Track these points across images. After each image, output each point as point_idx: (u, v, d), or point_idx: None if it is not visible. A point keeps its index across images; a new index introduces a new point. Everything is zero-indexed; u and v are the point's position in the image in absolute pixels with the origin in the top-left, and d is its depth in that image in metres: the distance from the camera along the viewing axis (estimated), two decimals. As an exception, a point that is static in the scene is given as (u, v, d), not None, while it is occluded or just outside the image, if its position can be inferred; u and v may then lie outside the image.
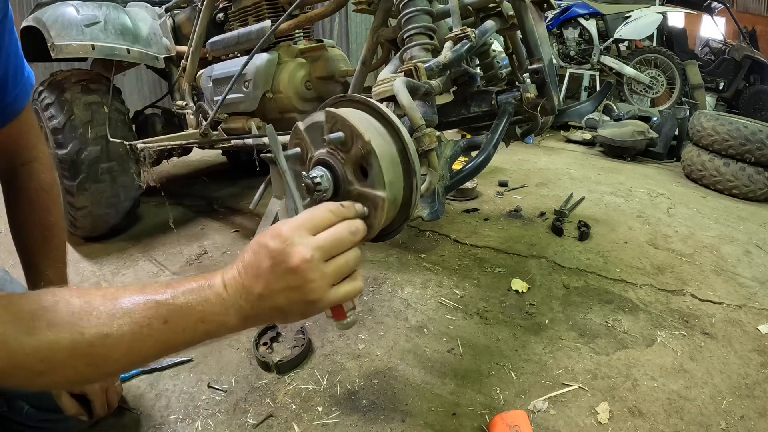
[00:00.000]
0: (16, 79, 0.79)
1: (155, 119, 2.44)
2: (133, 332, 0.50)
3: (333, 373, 1.16)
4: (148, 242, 2.01)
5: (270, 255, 0.52)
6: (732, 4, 8.24)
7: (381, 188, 0.61)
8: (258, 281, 0.52)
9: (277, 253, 0.51)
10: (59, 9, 1.83)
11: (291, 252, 0.51)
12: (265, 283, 0.52)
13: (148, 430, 1.00)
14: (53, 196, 0.91)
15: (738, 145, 2.63)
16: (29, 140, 0.89)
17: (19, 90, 0.80)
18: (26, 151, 0.89)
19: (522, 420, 0.96)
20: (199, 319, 0.52)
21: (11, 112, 0.81)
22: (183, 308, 0.52)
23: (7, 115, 0.81)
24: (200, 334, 0.53)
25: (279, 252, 0.51)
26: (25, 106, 0.84)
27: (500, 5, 1.08)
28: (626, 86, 4.77)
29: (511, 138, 1.40)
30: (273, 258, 0.52)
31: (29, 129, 0.88)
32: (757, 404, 1.07)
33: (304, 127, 0.68)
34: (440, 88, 0.90)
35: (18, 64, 0.78)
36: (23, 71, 0.81)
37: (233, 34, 1.60)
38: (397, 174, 0.65)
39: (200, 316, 0.52)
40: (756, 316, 1.41)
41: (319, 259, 0.52)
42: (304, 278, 0.52)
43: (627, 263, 1.71)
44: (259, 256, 0.53)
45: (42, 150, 0.92)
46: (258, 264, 0.53)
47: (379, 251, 1.80)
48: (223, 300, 0.53)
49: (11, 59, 0.76)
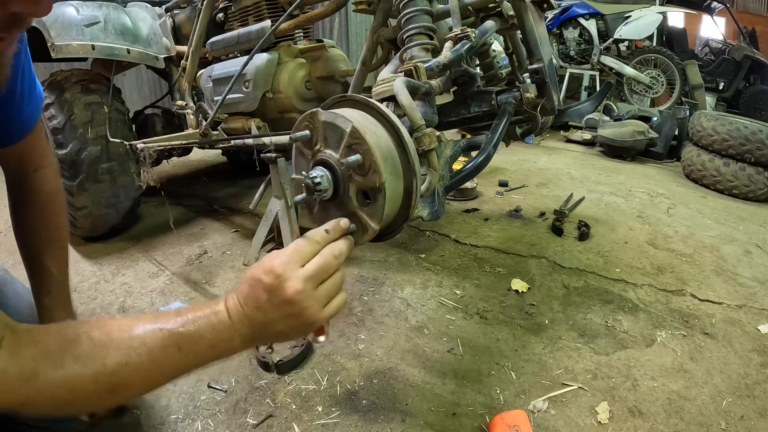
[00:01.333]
0: (32, 95, 0.85)
1: (155, 119, 2.44)
2: (151, 360, 0.54)
3: (333, 373, 1.16)
4: (148, 242, 2.01)
5: (266, 289, 0.57)
6: (732, 4, 8.24)
7: (376, 221, 0.63)
8: (258, 312, 0.57)
9: (272, 288, 0.56)
10: (59, 9, 1.83)
11: (285, 286, 0.56)
12: (265, 313, 0.57)
13: (148, 430, 1.01)
14: (60, 199, 0.97)
15: (738, 145, 2.63)
16: (41, 150, 0.95)
17: (34, 105, 0.86)
18: (38, 159, 0.95)
19: (522, 420, 0.96)
20: (209, 345, 0.57)
21: (28, 126, 0.87)
22: (194, 336, 0.56)
23: (24, 129, 0.87)
24: (211, 357, 0.57)
25: (274, 287, 0.56)
26: (38, 119, 0.90)
27: (500, 5, 1.08)
28: (626, 86, 4.77)
29: (511, 138, 1.40)
30: (269, 292, 0.57)
31: (41, 139, 0.95)
32: (757, 404, 1.07)
33: (324, 120, 0.67)
34: (440, 88, 0.90)
35: (31, 80, 0.84)
36: (36, 87, 0.87)
37: (233, 34, 1.60)
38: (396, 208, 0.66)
39: (210, 342, 0.57)
40: (756, 316, 1.41)
41: (311, 288, 0.58)
42: (300, 307, 0.57)
43: (627, 263, 1.71)
44: (256, 291, 0.57)
45: (51, 158, 0.98)
46: (256, 297, 0.57)
47: (379, 251, 1.80)
48: (229, 327, 0.57)
49: (26, 76, 0.82)
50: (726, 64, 5.91)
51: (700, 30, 8.98)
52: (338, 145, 0.64)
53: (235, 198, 2.61)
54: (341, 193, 0.65)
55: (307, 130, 0.69)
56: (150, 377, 0.55)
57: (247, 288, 0.58)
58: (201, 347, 0.56)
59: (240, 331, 0.57)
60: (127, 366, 0.53)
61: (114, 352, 0.53)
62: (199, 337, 0.56)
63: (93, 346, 0.53)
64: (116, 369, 0.53)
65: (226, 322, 0.57)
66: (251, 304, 0.57)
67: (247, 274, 0.60)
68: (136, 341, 0.54)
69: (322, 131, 0.67)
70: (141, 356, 0.54)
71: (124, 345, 0.54)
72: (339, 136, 0.64)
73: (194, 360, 0.57)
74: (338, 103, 0.72)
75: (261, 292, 0.57)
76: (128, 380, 0.54)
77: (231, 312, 0.58)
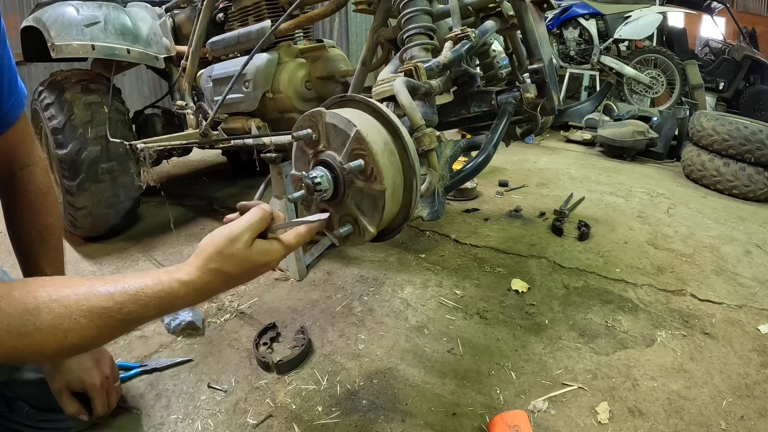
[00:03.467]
0: (11, 89, 0.83)
1: (155, 119, 2.44)
2: (110, 334, 0.62)
3: (333, 373, 1.16)
4: (148, 242, 2.01)
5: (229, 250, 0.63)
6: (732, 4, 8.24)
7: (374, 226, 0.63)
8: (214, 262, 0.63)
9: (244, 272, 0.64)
10: (59, 9, 1.83)
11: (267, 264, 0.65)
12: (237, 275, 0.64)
13: (148, 430, 1.00)
14: (50, 198, 0.95)
15: (738, 145, 2.63)
16: (26, 146, 0.93)
17: (14, 99, 0.85)
18: (24, 156, 0.93)
19: (522, 420, 0.96)
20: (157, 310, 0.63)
21: (9, 121, 0.86)
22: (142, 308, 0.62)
23: (5, 123, 0.85)
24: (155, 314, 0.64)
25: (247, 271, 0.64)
26: (20, 114, 0.88)
27: (500, 5, 1.08)
28: (626, 86, 4.77)
29: (511, 138, 1.40)
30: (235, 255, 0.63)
31: (26, 135, 0.93)
32: (757, 404, 1.07)
33: (329, 121, 0.66)
34: (440, 88, 0.90)
35: (12, 75, 0.83)
36: (17, 82, 0.86)
37: (233, 34, 1.60)
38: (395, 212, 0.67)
39: (165, 314, 0.68)
40: (756, 316, 1.41)
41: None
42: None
43: (627, 263, 1.71)
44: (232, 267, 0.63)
45: (38, 155, 0.96)
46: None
47: (379, 251, 1.80)
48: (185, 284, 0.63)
49: (5, 71, 0.81)
50: (726, 64, 5.91)
51: (700, 30, 8.97)
52: (341, 148, 0.64)
53: (235, 198, 2.60)
54: (341, 194, 0.65)
55: (309, 129, 0.69)
56: (97, 337, 0.61)
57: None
58: (147, 308, 0.61)
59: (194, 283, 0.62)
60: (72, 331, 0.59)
61: (64, 318, 0.58)
62: (155, 317, 0.64)
63: (50, 302, 0.58)
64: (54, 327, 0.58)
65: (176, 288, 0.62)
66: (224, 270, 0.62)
67: None
68: (81, 309, 0.59)
69: (326, 132, 0.67)
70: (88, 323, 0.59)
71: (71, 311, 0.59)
72: (343, 140, 0.64)
73: (142, 319, 0.63)
74: (338, 103, 0.72)
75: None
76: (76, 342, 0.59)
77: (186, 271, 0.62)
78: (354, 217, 0.65)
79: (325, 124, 0.67)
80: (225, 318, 1.41)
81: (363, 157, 0.62)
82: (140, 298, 0.61)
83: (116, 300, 0.60)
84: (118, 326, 0.61)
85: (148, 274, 0.63)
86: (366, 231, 0.64)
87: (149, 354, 1.25)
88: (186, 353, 1.24)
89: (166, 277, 0.62)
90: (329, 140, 0.67)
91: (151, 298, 0.61)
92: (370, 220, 0.64)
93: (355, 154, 0.62)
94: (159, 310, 0.62)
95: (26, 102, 0.91)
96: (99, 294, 0.60)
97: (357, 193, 0.64)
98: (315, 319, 1.39)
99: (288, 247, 0.65)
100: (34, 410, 0.91)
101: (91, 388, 0.92)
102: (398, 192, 0.65)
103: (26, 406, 0.91)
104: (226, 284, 0.64)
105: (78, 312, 0.58)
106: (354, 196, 0.64)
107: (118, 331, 0.62)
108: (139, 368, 1.17)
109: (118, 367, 1.05)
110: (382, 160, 0.61)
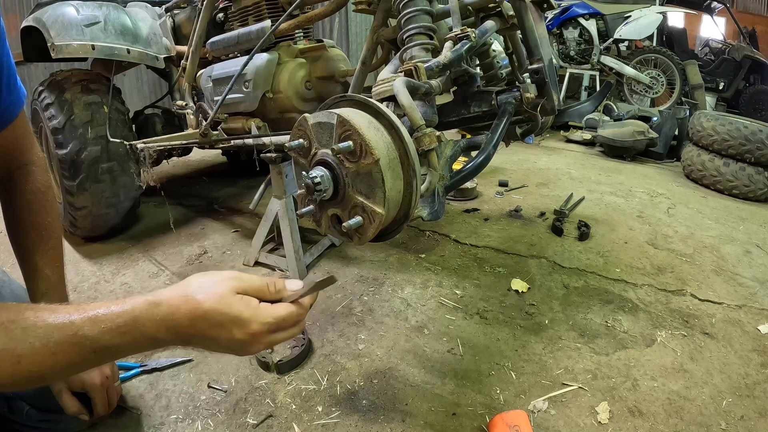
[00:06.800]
0: (10, 87, 0.83)
1: (155, 119, 2.44)
2: (66, 362, 0.56)
3: (333, 373, 1.16)
4: (148, 242, 2.01)
5: (230, 340, 0.58)
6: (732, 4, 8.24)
7: (380, 206, 0.62)
8: (207, 338, 0.58)
9: (240, 344, 0.58)
10: (59, 9, 1.83)
11: (253, 344, 0.59)
12: (215, 342, 0.58)
13: (148, 430, 1.00)
14: (48, 197, 0.94)
15: (738, 145, 2.63)
16: (24, 145, 0.93)
17: (13, 98, 0.85)
18: (22, 155, 0.93)
19: (522, 420, 0.96)
20: (120, 351, 0.58)
21: (7, 118, 0.86)
22: (111, 349, 0.57)
23: (3, 120, 0.85)
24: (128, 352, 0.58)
25: (242, 343, 0.58)
26: (19, 113, 0.88)
27: (500, 5, 1.08)
28: (626, 86, 4.77)
29: (511, 138, 1.40)
30: (230, 344, 0.58)
31: (24, 134, 0.92)
32: (757, 404, 1.07)
33: (312, 123, 0.67)
34: (440, 88, 0.90)
35: (11, 73, 0.83)
36: (16, 80, 0.86)
37: (233, 34, 1.60)
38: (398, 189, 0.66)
39: (128, 348, 0.58)
40: (756, 316, 1.41)
41: (268, 343, 0.60)
42: (248, 350, 0.60)
43: (627, 263, 1.71)
44: (220, 332, 0.57)
45: (36, 154, 0.96)
46: (216, 333, 0.57)
47: (379, 251, 1.80)
48: (153, 336, 0.57)
49: (5, 69, 0.81)
50: (726, 64, 5.91)
51: (700, 30, 8.97)
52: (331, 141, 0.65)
53: (235, 198, 2.60)
54: (341, 191, 0.65)
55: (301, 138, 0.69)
56: (53, 365, 0.55)
57: (214, 319, 0.57)
58: (118, 352, 0.57)
59: (163, 339, 0.57)
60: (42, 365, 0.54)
61: (29, 354, 0.54)
62: (114, 348, 0.56)
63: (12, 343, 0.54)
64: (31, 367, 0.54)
65: (153, 329, 0.56)
66: (201, 330, 0.57)
67: (221, 305, 0.58)
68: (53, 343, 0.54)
69: (315, 134, 0.68)
70: (57, 363, 0.55)
71: (41, 347, 0.54)
72: (329, 131, 0.65)
73: (113, 357, 0.58)
74: (338, 103, 0.72)
75: (223, 336, 0.57)
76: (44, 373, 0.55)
77: (162, 325, 0.57)
78: (360, 206, 0.64)
79: (311, 126, 0.68)
80: (225, 318, 1.41)
81: (350, 137, 0.62)
82: (99, 320, 0.55)
83: (74, 322, 0.55)
84: (76, 354, 0.55)
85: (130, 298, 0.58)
86: (375, 213, 0.63)
87: (149, 354, 1.25)
88: (186, 353, 1.24)
89: (139, 300, 0.57)
90: (319, 140, 0.67)
91: (108, 321, 0.55)
92: (374, 201, 0.63)
93: (343, 138, 0.63)
94: (118, 335, 0.55)
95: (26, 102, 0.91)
96: (58, 316, 0.55)
97: (355, 178, 0.64)
98: (315, 319, 1.39)
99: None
100: (34, 410, 0.91)
101: (91, 388, 0.92)
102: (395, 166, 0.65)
103: (26, 406, 0.91)
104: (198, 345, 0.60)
105: (33, 335, 0.53)
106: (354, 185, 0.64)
107: (77, 359, 0.55)
108: (139, 368, 1.17)
109: (118, 367, 1.05)
110: (368, 134, 0.61)
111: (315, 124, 0.67)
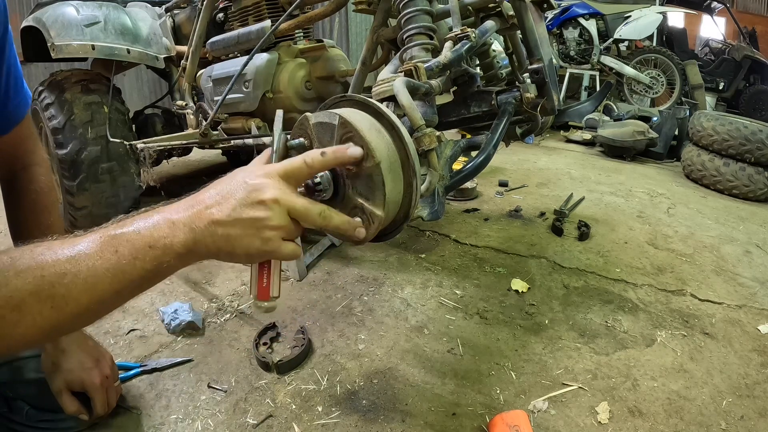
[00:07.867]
0: (17, 88, 0.85)
1: (155, 119, 2.44)
2: (88, 267, 0.51)
3: (333, 373, 1.16)
4: (148, 242, 2.01)
5: (247, 188, 0.55)
6: (732, 4, 8.24)
7: (380, 208, 0.62)
8: (222, 207, 0.55)
9: (254, 187, 0.55)
10: (59, 9, 1.83)
11: (268, 188, 0.55)
12: (230, 209, 0.54)
13: (148, 430, 1.00)
14: (52, 197, 0.96)
15: (738, 145, 2.63)
16: (29, 145, 0.94)
17: (20, 99, 0.86)
18: (27, 156, 0.94)
19: (522, 420, 0.96)
20: (147, 244, 0.53)
21: (14, 119, 0.87)
22: (132, 235, 0.53)
23: (10, 121, 0.86)
24: (150, 260, 0.53)
25: (257, 186, 0.55)
26: (25, 114, 0.90)
27: (500, 5, 1.08)
28: (626, 86, 4.77)
29: (511, 138, 1.40)
30: (248, 191, 0.55)
31: (29, 135, 0.94)
32: (757, 404, 1.07)
33: (314, 122, 0.67)
34: (440, 88, 0.90)
35: (18, 75, 0.85)
36: (22, 82, 0.87)
37: (233, 34, 1.60)
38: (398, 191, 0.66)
39: (149, 240, 0.53)
40: (756, 316, 1.41)
41: (286, 211, 0.56)
42: (267, 215, 0.54)
43: (627, 263, 1.71)
44: (233, 186, 0.56)
45: (41, 154, 0.97)
46: (231, 193, 0.55)
47: (379, 251, 1.80)
48: (173, 223, 0.55)
49: (12, 70, 0.82)
50: (726, 64, 5.92)
51: (700, 30, 8.98)
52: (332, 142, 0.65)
53: (235, 198, 2.60)
54: (341, 191, 0.65)
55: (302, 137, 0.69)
56: (89, 287, 0.51)
57: (227, 183, 0.57)
58: (138, 247, 0.52)
59: (186, 227, 0.54)
60: (64, 276, 0.50)
61: (52, 263, 0.51)
62: (136, 236, 0.53)
63: (33, 259, 0.51)
64: (54, 279, 0.50)
65: (171, 218, 0.55)
66: (217, 197, 0.56)
67: (237, 172, 0.58)
68: (75, 251, 0.52)
69: (315, 134, 0.68)
70: (78, 264, 0.51)
71: (63, 256, 0.51)
72: (330, 132, 0.65)
73: (133, 263, 0.52)
74: (338, 103, 0.72)
75: (239, 190, 0.55)
76: (67, 292, 0.50)
77: (182, 208, 0.57)
78: (360, 207, 0.64)
79: (312, 126, 0.67)
80: (225, 318, 1.41)
81: (351, 138, 0.62)
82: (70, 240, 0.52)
83: (52, 248, 0.51)
84: (47, 290, 0.49)
85: None
86: (374, 215, 0.63)
87: (149, 354, 1.25)
88: (186, 353, 1.24)
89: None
90: (320, 140, 0.67)
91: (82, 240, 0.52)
92: (374, 203, 0.63)
93: (345, 139, 0.63)
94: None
95: (29, 103, 0.93)
96: (38, 246, 0.52)
97: (355, 180, 0.64)
98: (315, 319, 1.39)
99: None
100: (34, 410, 0.91)
101: (91, 388, 0.92)
102: (396, 168, 0.65)
103: (26, 406, 0.91)
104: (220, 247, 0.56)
105: (12, 269, 0.49)
106: (354, 186, 0.64)
107: (50, 301, 0.50)
108: (139, 368, 1.17)
109: (118, 367, 1.05)
110: (369, 136, 0.61)
111: (316, 123, 0.67)
